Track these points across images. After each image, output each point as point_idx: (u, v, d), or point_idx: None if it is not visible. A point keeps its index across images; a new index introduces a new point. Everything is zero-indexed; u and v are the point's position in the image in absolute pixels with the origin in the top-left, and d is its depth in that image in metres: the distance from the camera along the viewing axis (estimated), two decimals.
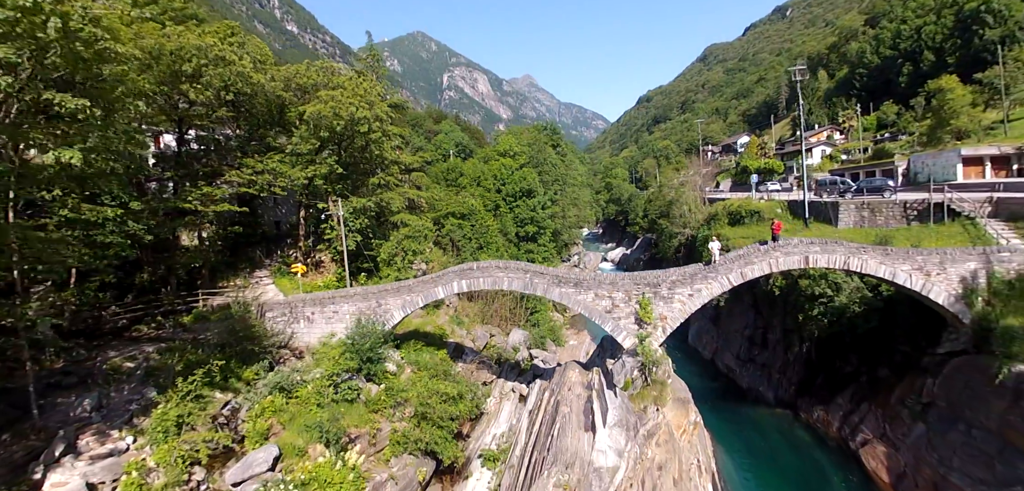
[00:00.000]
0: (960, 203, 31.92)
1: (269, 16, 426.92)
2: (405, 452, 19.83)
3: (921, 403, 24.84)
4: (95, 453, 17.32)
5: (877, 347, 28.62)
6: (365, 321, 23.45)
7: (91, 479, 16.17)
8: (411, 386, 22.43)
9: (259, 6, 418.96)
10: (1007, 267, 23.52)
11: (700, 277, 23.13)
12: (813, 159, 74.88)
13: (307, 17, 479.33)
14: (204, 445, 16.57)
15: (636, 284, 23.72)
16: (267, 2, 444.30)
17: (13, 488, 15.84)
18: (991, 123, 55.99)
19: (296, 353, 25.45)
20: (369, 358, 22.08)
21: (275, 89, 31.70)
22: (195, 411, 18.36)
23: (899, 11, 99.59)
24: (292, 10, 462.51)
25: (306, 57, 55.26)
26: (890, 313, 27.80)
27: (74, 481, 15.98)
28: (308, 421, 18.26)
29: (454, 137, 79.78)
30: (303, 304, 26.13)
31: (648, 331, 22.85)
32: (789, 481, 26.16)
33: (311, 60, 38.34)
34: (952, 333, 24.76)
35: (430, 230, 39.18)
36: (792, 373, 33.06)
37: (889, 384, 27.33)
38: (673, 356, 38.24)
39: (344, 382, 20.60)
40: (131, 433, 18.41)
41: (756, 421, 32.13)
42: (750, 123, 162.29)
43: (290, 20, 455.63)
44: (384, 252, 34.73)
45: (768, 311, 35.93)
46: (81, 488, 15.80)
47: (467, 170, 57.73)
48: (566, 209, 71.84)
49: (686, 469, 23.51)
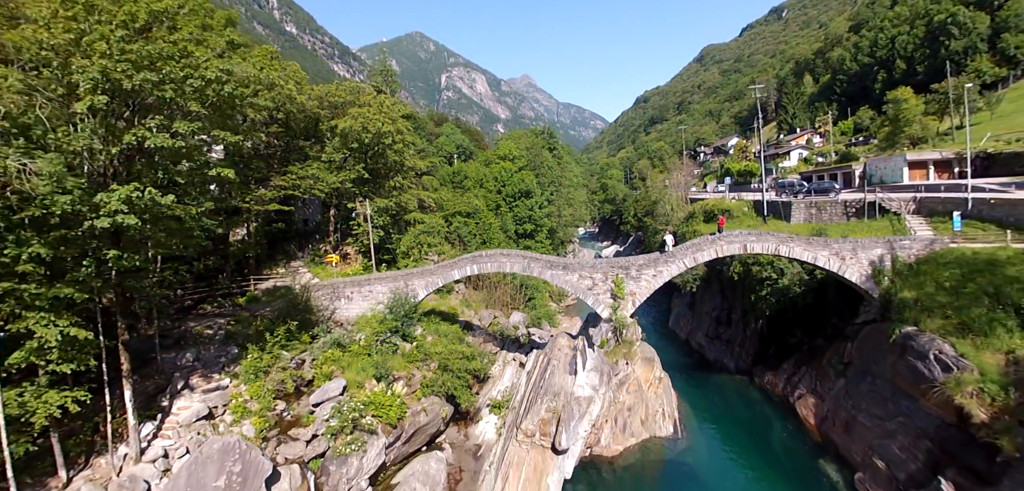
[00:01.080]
0: (888, 202, 38.37)
1: (268, 17, 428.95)
2: (433, 393, 26.09)
3: (842, 363, 31.23)
4: (204, 389, 23.57)
5: (814, 321, 35.05)
6: (398, 296, 29.73)
7: (206, 405, 22.38)
8: (434, 346, 28.71)
9: (258, 7, 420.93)
10: (907, 253, 29.91)
11: (661, 261, 29.51)
12: (791, 161, 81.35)
13: (305, 18, 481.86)
14: (289, 379, 22.81)
15: (612, 267, 30.08)
16: (266, 3, 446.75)
17: (151, 410, 22.06)
18: (947, 129, 62.65)
19: (338, 324, 31.67)
20: (403, 323, 28.36)
21: (312, 107, 37.92)
22: (273, 361, 24.63)
23: (878, 20, 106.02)
24: (291, 11, 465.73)
25: (304, 57, 61.62)
26: (822, 293, 34.24)
27: (194, 406, 22.22)
28: (363, 365, 24.50)
29: (455, 139, 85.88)
30: (343, 286, 32.37)
31: (620, 303, 29.18)
32: (739, 428, 32.51)
33: (309, 61, 44.57)
34: (866, 306, 31.13)
35: (442, 226, 45.51)
36: (749, 346, 39.47)
37: (821, 350, 33.76)
38: (655, 339, 44.83)
39: (386, 340, 26.86)
40: (226, 376, 24.64)
41: (718, 386, 38.54)
42: (741, 125, 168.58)
43: (289, 21, 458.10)
44: (403, 245, 41.04)
45: (731, 295, 42.38)
46: (201, 410, 22.04)
47: (470, 173, 64.02)
48: (562, 209, 78.16)
49: (652, 414, 29.94)
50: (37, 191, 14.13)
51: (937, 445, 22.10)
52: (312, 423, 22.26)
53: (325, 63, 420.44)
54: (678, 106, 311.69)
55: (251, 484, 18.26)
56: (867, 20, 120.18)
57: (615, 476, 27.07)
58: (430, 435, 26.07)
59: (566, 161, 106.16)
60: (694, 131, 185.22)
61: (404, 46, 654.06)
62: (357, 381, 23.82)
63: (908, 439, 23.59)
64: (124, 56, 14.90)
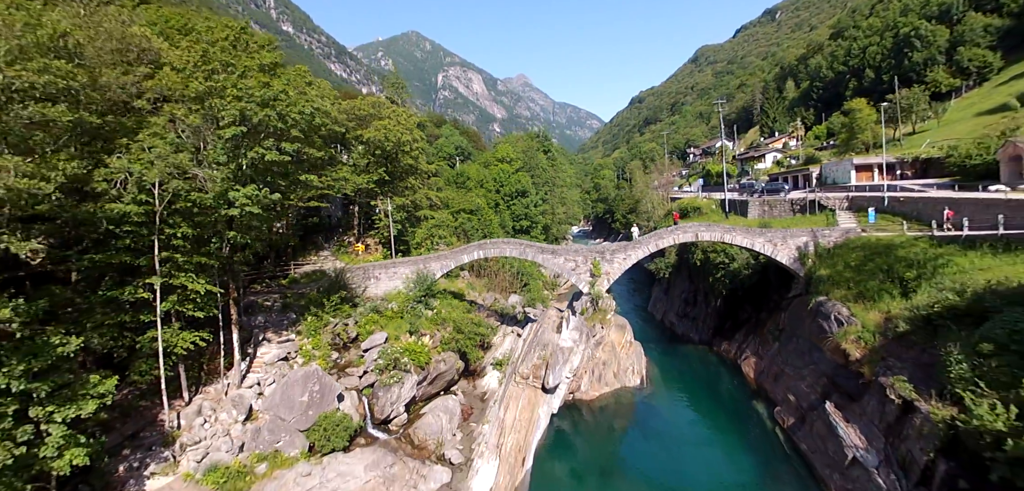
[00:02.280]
0: (827, 200, 46.42)
1: (265, 16, 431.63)
2: (449, 349, 33.76)
3: (778, 329, 39.20)
4: (277, 341, 31.20)
5: (760, 298, 43.04)
6: (420, 275, 37.40)
7: (282, 351, 30.00)
8: (450, 314, 36.41)
9: (255, 7, 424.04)
10: (827, 240, 37.89)
11: (630, 247, 37.38)
12: (766, 163, 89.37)
13: (302, 17, 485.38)
14: (343, 333, 30.51)
15: (590, 252, 37.92)
16: (263, 2, 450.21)
17: (243, 353, 29.60)
18: (899, 136, 70.92)
19: (368, 300, 39.29)
20: (425, 295, 36.05)
21: (342, 119, 45.54)
22: (327, 322, 32.28)
23: (854, 31, 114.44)
24: (288, 10, 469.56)
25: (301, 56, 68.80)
26: (765, 274, 42.22)
27: (273, 351, 29.87)
28: (397, 324, 32.20)
29: (454, 141, 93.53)
30: (373, 268, 39.97)
31: (597, 280, 37.00)
32: (695, 383, 40.42)
33: (306, 60, 52.01)
34: (796, 283, 39.09)
35: (451, 221, 53.24)
36: (710, 321, 47.44)
37: (764, 321, 41.74)
38: (635, 320, 52.76)
39: (412, 308, 34.55)
40: (292, 333, 32.25)
41: (684, 354, 46.51)
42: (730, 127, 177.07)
43: (286, 20, 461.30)
44: (417, 237, 48.72)
45: (696, 280, 50.36)
46: (279, 354, 29.67)
47: (472, 174, 71.72)
48: (555, 207, 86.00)
49: (623, 369, 37.83)
50: (210, 190, 21.77)
51: (829, 380, 30.04)
52: (362, 364, 29.98)
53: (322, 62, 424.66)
54: (672, 107, 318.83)
55: (326, 400, 25.94)
56: (846, 28, 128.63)
57: (592, 415, 34.92)
58: (447, 382, 33.77)
59: (560, 163, 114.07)
60: (685, 133, 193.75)
61: (400, 45, 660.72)
62: (395, 334, 31.51)
63: (812, 379, 31.56)
64: (252, 99, 22.57)
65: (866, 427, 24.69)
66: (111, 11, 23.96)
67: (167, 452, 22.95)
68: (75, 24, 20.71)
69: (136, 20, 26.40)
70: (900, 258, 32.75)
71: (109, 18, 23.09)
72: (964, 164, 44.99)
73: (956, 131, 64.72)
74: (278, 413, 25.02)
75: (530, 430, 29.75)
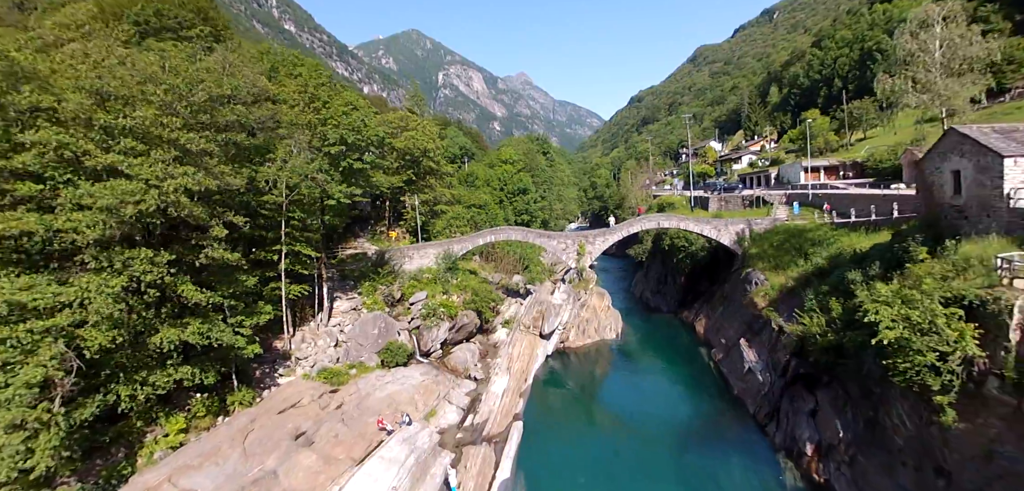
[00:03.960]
0: (769, 197, 58.64)
1: (267, 16, 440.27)
2: (470, 308, 45.91)
3: (723, 297, 51.39)
4: (345, 299, 43.37)
5: (713, 273, 55.26)
6: (446, 253, 49.57)
7: (352, 304, 42.16)
8: (469, 283, 48.58)
9: (257, 5, 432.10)
10: (759, 227, 50.08)
11: (607, 232, 49.62)
12: (742, 164, 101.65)
13: (304, 16, 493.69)
14: (392, 293, 42.76)
15: (577, 237, 50.15)
16: (265, 1, 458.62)
17: (320, 311, 41.80)
18: (849, 141, 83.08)
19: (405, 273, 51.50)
20: (449, 269, 48.22)
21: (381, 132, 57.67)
22: (376, 287, 44.48)
23: (829, 42, 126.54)
24: (289, 9, 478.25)
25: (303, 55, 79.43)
26: (716, 255, 54.47)
27: (346, 304, 42.09)
28: (433, 287, 44.40)
29: (459, 141, 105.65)
30: (407, 249, 52.07)
31: (582, 258, 49.20)
32: (659, 338, 52.66)
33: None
34: (737, 261, 51.30)
35: (466, 213, 65.47)
36: (676, 295, 59.73)
37: (714, 292, 53.94)
38: (620, 299, 64.90)
39: (441, 277, 46.78)
40: (354, 294, 44.41)
41: (654, 321, 58.79)
42: (721, 129, 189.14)
43: (288, 19, 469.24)
44: (438, 226, 60.89)
45: (667, 261, 62.61)
46: (350, 306, 41.84)
47: (480, 174, 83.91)
48: (553, 204, 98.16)
49: (602, 326, 50.09)
50: (330, 191, 33.99)
51: (745, 325, 42.23)
52: (409, 314, 42.25)
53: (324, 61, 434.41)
54: (669, 107, 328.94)
55: (389, 333, 38.18)
56: (826, 37, 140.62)
57: (577, 358, 47.14)
58: (468, 333, 45.90)
59: (558, 163, 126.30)
60: (679, 134, 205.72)
61: (400, 43, 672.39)
62: (432, 293, 43.75)
63: (737, 326, 43.79)
64: (347, 128, 34.75)
65: (759, 349, 36.94)
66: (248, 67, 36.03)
67: (287, 363, 35.15)
68: (238, 81, 32.77)
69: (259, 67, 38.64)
70: (807, 238, 44.82)
71: (250, 70, 35.19)
72: (878, 167, 57.30)
73: (898, 137, 76.98)
74: (358, 340, 37.22)
75: (531, 361, 41.99)
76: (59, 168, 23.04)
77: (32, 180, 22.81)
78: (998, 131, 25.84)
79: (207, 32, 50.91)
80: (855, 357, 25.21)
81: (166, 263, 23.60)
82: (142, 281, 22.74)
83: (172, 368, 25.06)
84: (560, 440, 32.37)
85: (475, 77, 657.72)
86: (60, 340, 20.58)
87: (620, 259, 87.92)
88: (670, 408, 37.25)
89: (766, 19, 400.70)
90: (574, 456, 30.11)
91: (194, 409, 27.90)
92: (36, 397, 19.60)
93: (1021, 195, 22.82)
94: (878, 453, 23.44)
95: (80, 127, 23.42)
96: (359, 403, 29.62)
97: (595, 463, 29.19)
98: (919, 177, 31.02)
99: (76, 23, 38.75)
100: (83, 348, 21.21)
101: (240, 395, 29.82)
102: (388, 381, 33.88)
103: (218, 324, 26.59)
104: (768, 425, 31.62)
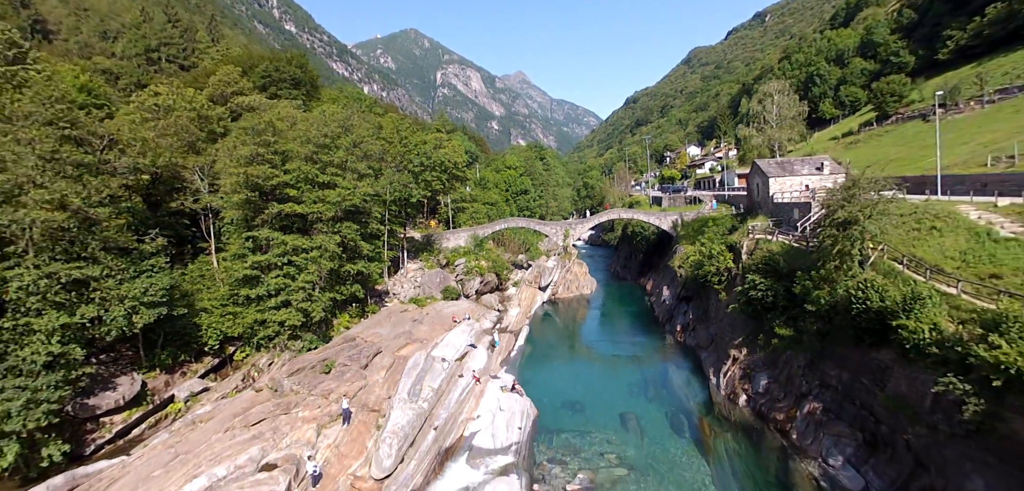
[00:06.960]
0: (702, 196, 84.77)
1: (268, 16, 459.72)
2: (491, 271, 71.65)
3: (665, 265, 77.52)
4: (411, 263, 69.16)
5: (662, 251, 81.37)
6: (474, 236, 75.25)
7: (416, 267, 67.93)
8: (490, 254, 74.30)
9: (258, 6, 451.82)
10: (687, 217, 76.13)
11: (583, 221, 75.56)
12: (705, 169, 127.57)
13: (304, 16, 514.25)
14: (443, 257, 68.73)
15: (563, 224, 76.08)
16: (266, 2, 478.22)
17: (401, 268, 67.61)
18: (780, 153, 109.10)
19: (446, 249, 77.41)
20: (477, 245, 73.94)
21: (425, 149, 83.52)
22: (432, 256, 70.33)
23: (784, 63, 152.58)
24: (290, 9, 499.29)
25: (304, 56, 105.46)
26: (664, 237, 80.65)
27: (413, 267, 67.94)
28: (468, 256, 70.13)
29: (465, 146, 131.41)
30: (446, 233, 77.81)
31: (567, 238, 75.13)
32: (622, 293, 78.85)
33: (308, 59, 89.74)
34: (676, 241, 77.33)
35: (483, 209, 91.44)
36: (636, 268, 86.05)
37: (662, 264, 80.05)
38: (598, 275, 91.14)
39: (474, 249, 72.51)
40: (417, 261, 70.16)
41: (620, 285, 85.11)
42: (702, 133, 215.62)
43: (288, 20, 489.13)
44: (462, 219, 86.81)
45: (632, 244, 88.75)
46: (417, 268, 67.63)
47: (490, 178, 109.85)
48: (549, 202, 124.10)
49: (582, 286, 76.87)
50: (412, 194, 59.86)
51: (671, 278, 68.28)
52: (454, 272, 68.10)
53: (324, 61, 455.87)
54: (661, 109, 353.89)
55: (446, 281, 64.15)
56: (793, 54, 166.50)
57: (564, 305, 73.18)
58: (492, 287, 71.72)
59: (554, 166, 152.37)
60: (666, 138, 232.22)
61: (399, 43, 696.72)
62: (468, 259, 69.57)
63: (667, 281, 69.85)
64: (427, 156, 60.55)
65: (671, 287, 63.00)
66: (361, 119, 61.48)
67: (387, 296, 60.80)
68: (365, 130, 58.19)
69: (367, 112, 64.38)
70: (713, 224, 71.06)
71: (364, 117, 60.72)
72: None
73: (816, 148, 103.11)
74: (429, 284, 62.98)
75: (532, 302, 68.00)
76: (303, 183, 48.64)
77: (292, 188, 48.43)
78: (776, 162, 52.19)
79: (308, 81, 76.98)
80: (701, 280, 51.46)
81: (355, 231, 49.33)
82: (346, 239, 48.35)
83: (352, 284, 50.81)
84: (549, 345, 58.33)
85: (473, 76, 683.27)
86: (311, 265, 46.07)
87: (602, 249, 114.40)
88: (618, 327, 63.38)
89: (758, 22, 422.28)
90: (558, 351, 56.07)
91: (351, 312, 53.51)
92: (311, 286, 45.17)
93: (777, 197, 49.11)
94: (703, 323, 49.63)
95: (307, 162, 49.03)
96: (438, 312, 55.30)
97: (570, 351, 55.19)
98: (747, 185, 57.30)
99: (234, 79, 64.47)
100: (321, 269, 46.79)
101: (371, 308, 55.53)
102: (450, 306, 59.59)
103: (366, 264, 52.40)
104: (666, 325, 57.86)
